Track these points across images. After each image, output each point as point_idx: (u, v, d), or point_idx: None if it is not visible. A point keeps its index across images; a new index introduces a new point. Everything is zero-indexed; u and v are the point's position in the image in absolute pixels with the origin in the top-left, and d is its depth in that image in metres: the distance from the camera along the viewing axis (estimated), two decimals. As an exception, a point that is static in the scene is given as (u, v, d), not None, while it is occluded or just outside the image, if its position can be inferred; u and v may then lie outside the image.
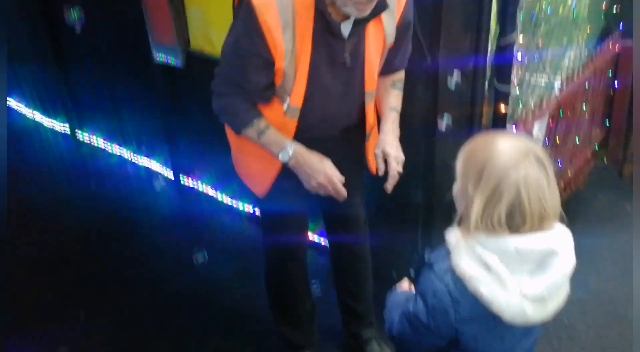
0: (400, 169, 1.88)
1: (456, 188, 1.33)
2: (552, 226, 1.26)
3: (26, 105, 5.36)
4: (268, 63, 1.74)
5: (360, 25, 1.74)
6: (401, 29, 1.86)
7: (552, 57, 2.91)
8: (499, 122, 2.38)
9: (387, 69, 1.97)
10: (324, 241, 2.97)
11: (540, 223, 1.22)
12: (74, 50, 4.35)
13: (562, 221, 1.29)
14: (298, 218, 2.19)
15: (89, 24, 4.00)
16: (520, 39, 2.36)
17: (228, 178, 3.51)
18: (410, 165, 2.02)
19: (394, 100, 1.99)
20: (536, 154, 1.22)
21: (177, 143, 3.78)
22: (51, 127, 5.03)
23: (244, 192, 3.47)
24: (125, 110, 4.12)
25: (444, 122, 1.70)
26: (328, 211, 2.29)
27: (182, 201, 3.85)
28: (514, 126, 2.43)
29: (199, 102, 3.43)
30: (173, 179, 3.94)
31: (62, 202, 3.90)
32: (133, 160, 4.29)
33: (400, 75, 2.03)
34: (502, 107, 2.34)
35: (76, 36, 4.20)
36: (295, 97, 1.80)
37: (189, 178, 3.85)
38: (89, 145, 4.64)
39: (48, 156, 4.60)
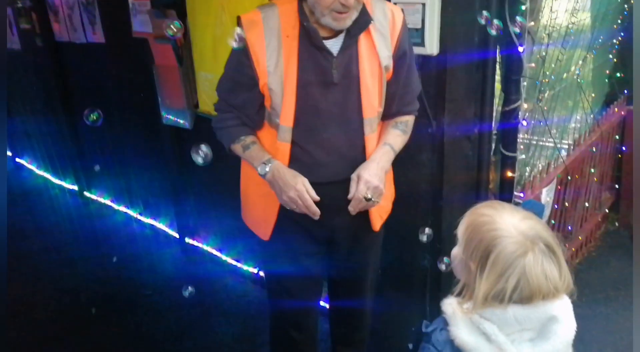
0: (369, 196, 1.75)
1: (456, 252, 1.30)
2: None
3: (37, 167, 5.45)
4: (254, 81, 1.77)
5: (350, 41, 1.74)
6: (397, 57, 1.82)
7: (558, 121, 2.92)
8: (506, 188, 2.36)
9: (389, 110, 1.90)
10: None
11: (546, 298, 1.19)
12: (82, 113, 4.44)
13: (572, 293, 1.25)
14: (305, 280, 2.08)
15: (100, 88, 4.11)
16: (525, 105, 2.37)
17: (232, 239, 3.49)
18: (417, 232, 1.99)
19: (391, 137, 1.89)
20: (545, 240, 1.19)
21: (182, 204, 3.78)
22: (60, 185, 5.09)
23: (248, 254, 3.44)
24: (133, 171, 4.16)
25: (443, 264, 1.63)
26: (332, 266, 2.16)
27: (187, 262, 3.82)
28: (522, 193, 2.41)
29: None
30: (178, 238, 3.93)
31: (67, 260, 3.89)
32: (139, 219, 4.29)
33: (404, 118, 1.94)
34: (509, 173, 2.33)
35: (86, 101, 4.31)
36: (284, 116, 1.77)
37: (194, 239, 3.83)
38: (97, 204, 4.66)
39: (56, 215, 4.61)
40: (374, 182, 1.76)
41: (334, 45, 1.75)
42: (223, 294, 3.42)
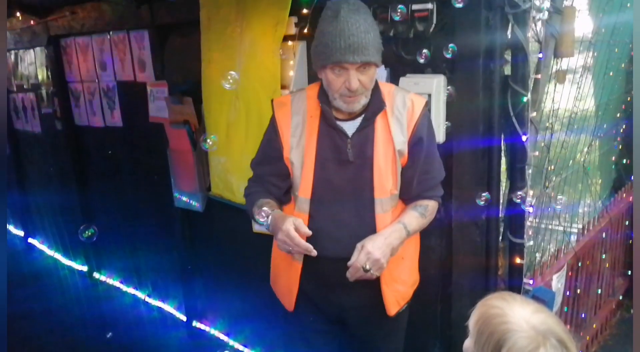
0: (368, 267, 1.76)
1: (467, 345, 1.29)
2: None
3: (49, 247, 5.49)
4: (279, 153, 1.93)
5: (365, 124, 1.87)
6: (412, 143, 1.90)
7: (566, 207, 2.93)
8: (515, 274, 2.34)
9: (407, 193, 1.95)
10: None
11: None
12: (98, 195, 4.55)
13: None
14: None
15: (116, 169, 4.22)
16: (531, 191, 2.40)
17: (240, 322, 3.45)
18: (426, 318, 1.96)
19: (407, 217, 1.92)
20: (557, 335, 1.18)
21: (191, 286, 3.76)
22: (69, 266, 5.10)
23: (256, 338, 3.37)
24: (143, 253, 4.17)
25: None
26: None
27: (193, 346, 3.74)
28: (531, 280, 2.39)
29: (216, 246, 3.49)
30: (185, 321, 3.88)
31: (70, 343, 3.82)
32: (147, 301, 4.26)
33: (425, 202, 1.97)
34: (517, 259, 2.32)
35: (101, 183, 4.42)
36: (302, 188, 1.90)
37: (202, 322, 3.77)
38: (105, 285, 4.65)
39: (64, 296, 4.59)
40: (375, 255, 1.77)
41: (350, 127, 1.88)
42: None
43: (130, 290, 4.44)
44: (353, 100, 1.82)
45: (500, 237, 2.33)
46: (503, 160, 2.22)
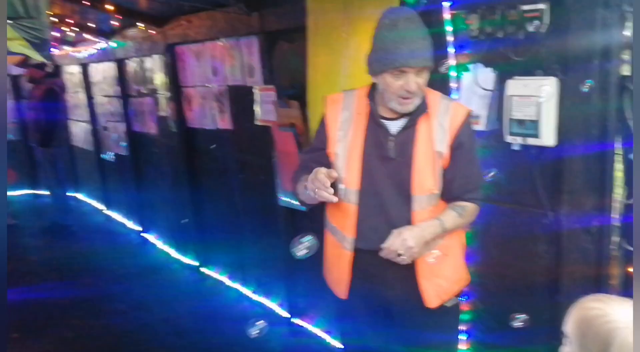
0: (401, 252, 1.92)
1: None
2: None
3: (163, 242, 5.87)
4: (324, 145, 2.12)
5: (409, 124, 2.01)
6: (453, 148, 2.02)
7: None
8: (629, 285, 2.22)
9: (447, 194, 2.06)
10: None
11: None
12: (207, 193, 4.81)
13: None
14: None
15: (224, 169, 4.44)
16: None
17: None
18: (532, 327, 1.92)
19: (445, 215, 2.04)
20: None
21: (294, 283, 3.88)
22: (180, 260, 5.42)
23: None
24: (249, 249, 4.36)
25: None
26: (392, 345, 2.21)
27: (294, 343, 3.85)
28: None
29: (318, 244, 3.58)
30: (287, 318, 4.00)
31: (185, 334, 4.06)
32: (251, 297, 4.43)
33: (463, 203, 2.07)
34: (632, 269, 2.20)
35: (210, 182, 4.67)
36: (348, 179, 2.05)
37: (303, 319, 3.88)
38: (212, 280, 4.90)
39: (175, 289, 4.88)
40: (409, 243, 1.93)
41: (394, 126, 2.04)
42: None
43: (236, 285, 4.64)
44: (408, 102, 1.97)
45: (614, 246, 2.22)
46: (619, 165, 2.13)
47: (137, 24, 4.90)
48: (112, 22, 5.08)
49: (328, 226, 2.23)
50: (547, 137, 2.15)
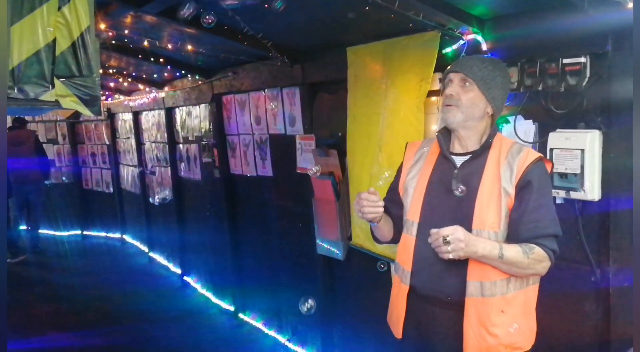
0: (449, 239, 1.82)
1: None
2: None
3: (201, 286, 5.90)
4: (397, 184, 2.20)
5: (474, 157, 2.01)
6: (520, 186, 1.93)
7: None
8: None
9: (514, 236, 1.93)
10: None
11: None
12: (247, 238, 4.84)
13: None
14: None
15: (264, 215, 4.47)
16: None
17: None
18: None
19: (508, 245, 1.90)
20: None
21: (329, 332, 3.82)
22: (218, 305, 5.43)
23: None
24: (285, 296, 4.32)
25: None
26: None
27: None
28: None
29: (355, 294, 3.53)
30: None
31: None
32: (286, 345, 4.38)
33: (532, 245, 1.90)
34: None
35: (250, 227, 4.70)
36: (412, 211, 2.08)
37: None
38: (249, 326, 4.87)
39: (213, 334, 4.87)
40: (460, 235, 1.84)
41: (461, 160, 2.04)
42: None
43: (272, 333, 4.59)
44: (448, 110, 2.00)
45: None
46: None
47: (187, 74, 5.09)
48: (163, 73, 5.30)
49: (395, 265, 2.21)
50: (591, 190, 2.09)
